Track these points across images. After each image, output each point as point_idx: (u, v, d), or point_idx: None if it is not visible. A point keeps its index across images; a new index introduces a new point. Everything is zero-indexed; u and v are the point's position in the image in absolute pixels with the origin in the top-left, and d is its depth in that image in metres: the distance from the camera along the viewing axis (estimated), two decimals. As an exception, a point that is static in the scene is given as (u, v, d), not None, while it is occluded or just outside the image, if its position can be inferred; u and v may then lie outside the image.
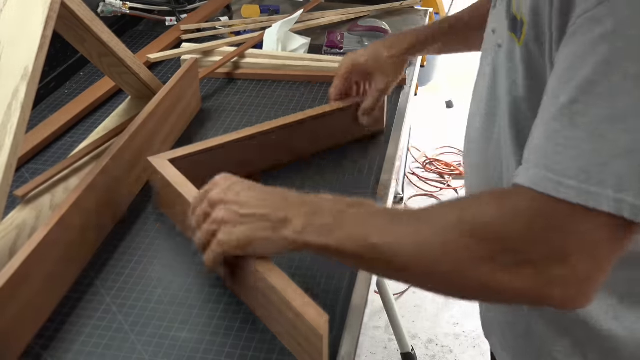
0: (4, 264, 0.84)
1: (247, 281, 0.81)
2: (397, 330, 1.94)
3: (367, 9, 1.71)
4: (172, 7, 1.63)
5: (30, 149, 1.13)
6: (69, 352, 0.78)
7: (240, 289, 0.84)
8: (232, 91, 1.34)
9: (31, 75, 0.86)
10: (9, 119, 0.83)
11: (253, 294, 0.81)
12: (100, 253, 0.93)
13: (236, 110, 1.27)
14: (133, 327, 0.81)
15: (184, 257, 0.92)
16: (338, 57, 1.42)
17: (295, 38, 1.49)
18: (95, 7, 1.48)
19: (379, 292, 1.87)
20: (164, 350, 0.78)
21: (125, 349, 0.78)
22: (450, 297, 0.68)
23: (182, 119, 1.20)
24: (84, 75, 1.40)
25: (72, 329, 0.81)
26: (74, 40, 1.08)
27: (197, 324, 0.82)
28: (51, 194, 1.00)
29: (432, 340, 2.12)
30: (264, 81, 1.38)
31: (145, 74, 1.19)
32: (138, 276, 0.89)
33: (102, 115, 1.25)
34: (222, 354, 0.78)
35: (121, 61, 1.12)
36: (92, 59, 1.13)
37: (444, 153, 2.96)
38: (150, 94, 1.23)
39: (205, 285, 0.87)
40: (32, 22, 0.90)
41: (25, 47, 0.88)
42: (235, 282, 0.84)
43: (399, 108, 1.30)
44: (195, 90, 1.25)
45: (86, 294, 0.86)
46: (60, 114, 1.23)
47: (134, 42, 1.55)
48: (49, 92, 1.33)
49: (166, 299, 0.85)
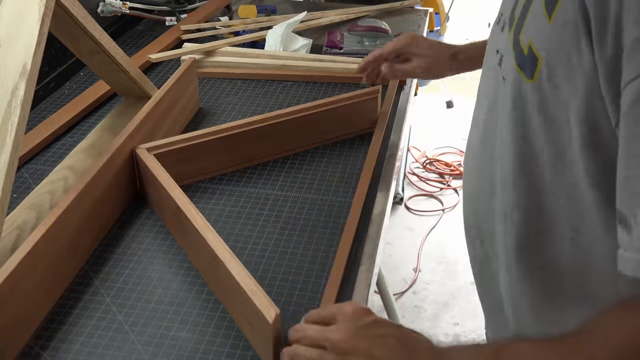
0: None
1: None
2: (397, 330, 1.93)
3: (367, 9, 1.71)
4: (172, 7, 1.63)
5: (30, 149, 1.13)
6: (69, 352, 0.78)
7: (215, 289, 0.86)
8: (232, 91, 1.34)
9: (29, 73, 0.86)
10: (9, 117, 0.83)
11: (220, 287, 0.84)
12: (100, 253, 0.93)
13: (236, 111, 1.27)
14: (133, 327, 0.81)
15: (184, 256, 0.92)
16: (338, 57, 1.42)
17: (296, 39, 1.49)
18: (95, 6, 1.48)
19: (379, 292, 1.87)
20: (163, 350, 0.78)
21: (125, 349, 0.78)
22: None
23: (181, 118, 1.20)
24: (83, 75, 1.40)
25: (72, 329, 0.81)
26: (66, 37, 1.08)
27: (197, 324, 0.82)
28: (51, 194, 1.00)
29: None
30: (264, 81, 1.38)
31: (135, 72, 1.19)
32: (138, 276, 0.89)
33: (102, 115, 1.25)
34: (222, 354, 0.77)
35: (111, 58, 1.13)
36: (82, 56, 1.13)
37: (444, 153, 2.96)
38: (140, 92, 1.23)
39: (205, 285, 0.87)
40: (28, 20, 0.90)
41: (22, 44, 0.88)
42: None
43: (399, 108, 1.30)
44: (193, 90, 1.25)
45: (86, 294, 0.86)
46: (60, 114, 1.23)
47: (134, 42, 1.55)
48: (48, 92, 1.33)
49: (166, 299, 0.85)
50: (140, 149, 1.00)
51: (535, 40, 0.65)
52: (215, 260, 0.80)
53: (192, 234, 0.86)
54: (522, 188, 0.72)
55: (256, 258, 0.92)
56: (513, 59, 0.69)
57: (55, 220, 0.83)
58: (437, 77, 1.25)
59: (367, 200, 1.02)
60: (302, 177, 1.08)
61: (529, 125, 0.69)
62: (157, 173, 0.95)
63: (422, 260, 2.40)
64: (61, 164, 1.08)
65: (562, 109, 0.64)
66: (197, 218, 0.86)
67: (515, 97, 0.70)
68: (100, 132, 1.17)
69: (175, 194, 0.90)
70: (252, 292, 0.74)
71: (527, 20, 0.67)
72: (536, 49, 0.65)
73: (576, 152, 0.65)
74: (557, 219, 0.70)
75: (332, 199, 1.03)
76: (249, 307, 0.74)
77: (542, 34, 0.64)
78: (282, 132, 1.10)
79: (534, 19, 0.66)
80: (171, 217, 0.93)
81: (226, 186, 1.06)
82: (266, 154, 1.11)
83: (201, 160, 1.05)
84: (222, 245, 0.81)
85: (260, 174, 1.09)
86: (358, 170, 1.10)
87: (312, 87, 1.37)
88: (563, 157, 0.67)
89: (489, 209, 0.79)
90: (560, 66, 0.63)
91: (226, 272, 0.78)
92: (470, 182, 0.85)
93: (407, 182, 2.76)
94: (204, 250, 0.83)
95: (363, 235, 0.96)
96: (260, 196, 1.04)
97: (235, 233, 0.96)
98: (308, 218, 0.99)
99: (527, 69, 0.67)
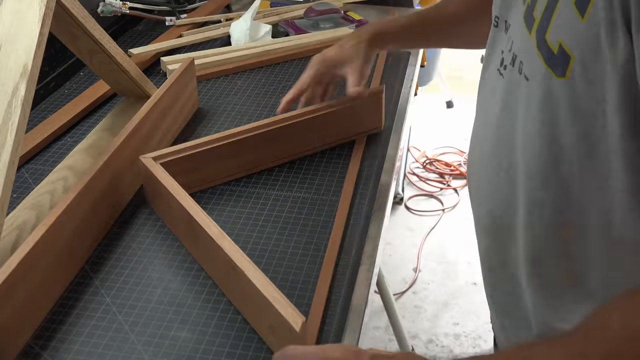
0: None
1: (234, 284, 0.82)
2: (397, 330, 1.94)
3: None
4: (172, 7, 1.63)
5: (30, 149, 1.13)
6: (69, 352, 0.78)
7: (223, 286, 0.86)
8: (227, 88, 1.34)
9: (30, 73, 0.86)
10: (10, 117, 0.83)
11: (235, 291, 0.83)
12: (100, 253, 0.93)
13: (236, 111, 1.27)
14: (133, 327, 0.81)
15: (184, 256, 0.92)
16: (311, 33, 1.52)
17: (260, 26, 1.53)
18: (95, 7, 1.48)
19: (379, 292, 1.87)
20: (163, 350, 0.78)
21: (125, 349, 0.78)
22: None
23: (180, 118, 1.20)
24: (83, 75, 1.40)
25: (72, 329, 0.81)
26: (66, 37, 1.08)
27: (197, 324, 0.82)
28: (51, 194, 1.00)
29: (432, 340, 2.12)
30: (256, 69, 1.43)
31: (135, 72, 1.19)
32: (138, 276, 0.89)
33: (102, 115, 1.25)
34: (222, 354, 0.77)
35: (112, 58, 1.13)
36: (82, 56, 1.13)
37: (444, 153, 2.96)
38: (140, 92, 1.23)
39: (205, 285, 0.87)
40: (28, 20, 0.90)
41: (23, 45, 0.88)
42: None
43: (399, 108, 1.30)
44: (192, 90, 1.25)
45: (86, 294, 0.86)
46: (60, 114, 1.23)
47: (134, 42, 1.55)
48: (48, 92, 1.33)
49: (166, 299, 0.85)
50: (146, 158, 0.98)
51: (567, 39, 0.67)
52: (234, 270, 0.79)
53: (207, 244, 0.85)
54: (552, 185, 0.73)
55: (256, 258, 0.92)
56: (540, 58, 0.71)
57: (55, 220, 0.83)
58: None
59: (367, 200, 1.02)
60: (303, 178, 1.08)
61: (558, 125, 0.70)
62: (167, 183, 0.93)
63: (422, 260, 2.40)
64: (61, 164, 1.08)
65: (597, 102, 0.66)
66: (211, 227, 0.84)
67: (543, 96, 0.71)
68: (100, 132, 1.17)
69: (187, 204, 0.88)
70: (275, 299, 0.74)
71: (553, 21, 0.69)
72: (568, 48, 0.66)
73: (614, 143, 0.66)
74: (587, 210, 0.71)
75: (332, 199, 1.03)
76: (273, 315, 0.74)
77: (574, 33, 0.66)
78: (288, 135, 1.09)
79: (563, 19, 0.67)
80: (183, 227, 0.91)
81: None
82: (274, 158, 1.10)
83: (208, 167, 1.03)
84: (239, 253, 0.80)
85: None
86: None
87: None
88: (595, 150, 0.68)
89: (508, 205, 0.80)
90: (595, 62, 0.64)
91: (246, 281, 0.77)
92: (484, 186, 0.85)
93: (407, 182, 2.77)
94: (220, 259, 0.82)
95: (363, 235, 0.97)
96: (261, 196, 1.04)
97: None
98: (308, 218, 0.99)
99: (559, 67, 0.68)
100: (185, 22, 1.60)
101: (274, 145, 1.08)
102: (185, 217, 0.88)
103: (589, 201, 0.71)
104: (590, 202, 0.71)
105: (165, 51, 1.47)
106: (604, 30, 0.63)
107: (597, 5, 0.63)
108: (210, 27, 1.59)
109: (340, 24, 1.59)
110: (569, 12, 0.66)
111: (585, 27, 0.64)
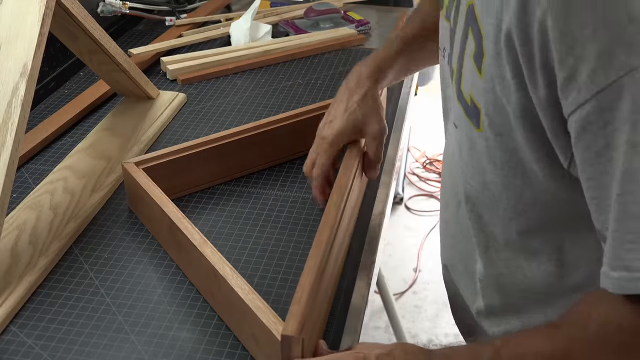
0: (5, 264, 0.84)
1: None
2: (397, 330, 1.94)
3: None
4: (172, 7, 1.63)
5: (30, 149, 1.12)
6: (69, 352, 0.78)
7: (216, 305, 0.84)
8: (227, 88, 1.34)
9: (30, 73, 0.86)
10: (10, 117, 0.84)
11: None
12: (100, 253, 0.92)
13: (236, 111, 1.27)
14: (133, 327, 0.81)
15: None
16: (312, 33, 1.53)
17: (260, 26, 1.53)
18: (95, 6, 1.48)
19: (379, 292, 1.87)
20: (163, 350, 0.78)
21: (125, 349, 0.78)
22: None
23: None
24: (83, 75, 1.40)
25: (72, 329, 0.81)
26: (66, 37, 1.08)
27: (197, 324, 0.82)
28: (51, 194, 1.00)
29: (432, 340, 2.12)
30: (256, 69, 1.43)
31: (135, 72, 1.19)
32: (138, 276, 0.89)
33: (102, 115, 1.24)
34: (222, 354, 0.77)
35: (112, 58, 1.12)
36: (82, 56, 1.13)
37: (444, 153, 2.96)
38: (140, 92, 1.23)
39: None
40: (28, 20, 0.90)
41: (23, 44, 0.88)
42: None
43: (399, 108, 1.30)
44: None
45: (86, 294, 0.86)
46: (60, 114, 1.23)
47: (134, 42, 1.55)
48: (48, 92, 1.33)
49: (166, 299, 0.85)
50: (127, 164, 0.96)
51: (474, 92, 0.67)
52: (215, 277, 0.78)
53: (189, 251, 0.84)
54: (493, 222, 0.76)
55: (256, 258, 0.92)
56: (461, 108, 0.71)
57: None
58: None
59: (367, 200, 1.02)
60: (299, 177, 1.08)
61: (485, 173, 0.72)
62: (148, 188, 0.91)
63: (422, 260, 2.40)
64: (61, 164, 1.08)
65: (510, 153, 0.66)
66: (193, 234, 0.83)
67: (470, 146, 0.72)
68: (100, 132, 1.17)
69: (168, 210, 0.87)
70: (258, 308, 0.73)
71: (463, 73, 0.69)
72: (476, 100, 0.67)
73: (540, 187, 0.67)
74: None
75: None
76: (255, 324, 0.73)
77: (477, 88, 0.66)
78: (276, 138, 1.07)
79: (469, 72, 0.68)
80: (165, 233, 0.90)
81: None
82: (261, 161, 1.08)
83: (192, 172, 1.01)
84: (222, 260, 0.79)
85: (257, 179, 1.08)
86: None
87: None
88: (521, 197, 0.69)
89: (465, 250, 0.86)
90: (499, 115, 0.65)
91: (228, 289, 0.76)
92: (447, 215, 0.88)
93: (407, 182, 2.76)
94: (202, 267, 0.81)
95: (363, 235, 0.96)
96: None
97: (231, 240, 0.96)
98: (308, 218, 0.99)
99: (474, 119, 0.69)
100: (185, 22, 1.60)
101: (259, 148, 1.06)
102: (167, 223, 0.87)
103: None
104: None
105: (165, 51, 1.47)
106: (498, 86, 0.62)
107: (487, 62, 0.63)
108: (210, 27, 1.59)
109: (340, 24, 1.59)
110: (470, 66, 0.67)
111: (484, 82, 0.65)
